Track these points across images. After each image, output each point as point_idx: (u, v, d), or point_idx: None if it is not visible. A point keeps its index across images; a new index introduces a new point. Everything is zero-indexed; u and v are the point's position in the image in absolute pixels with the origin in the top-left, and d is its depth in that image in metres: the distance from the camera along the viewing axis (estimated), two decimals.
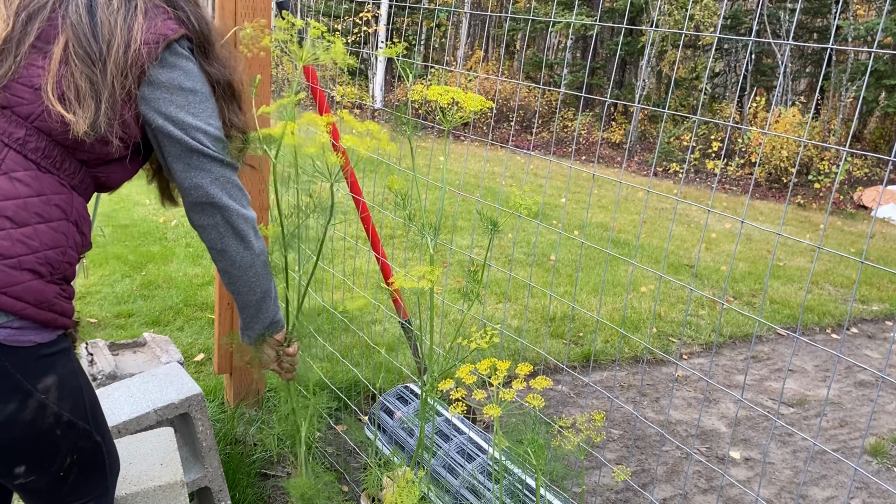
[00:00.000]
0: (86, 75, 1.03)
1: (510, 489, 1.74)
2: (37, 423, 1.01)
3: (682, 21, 12.15)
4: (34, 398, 1.00)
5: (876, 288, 5.50)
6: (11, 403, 0.98)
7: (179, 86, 1.11)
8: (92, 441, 1.11)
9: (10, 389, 0.98)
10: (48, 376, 1.02)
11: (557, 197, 8.03)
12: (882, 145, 13.91)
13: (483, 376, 1.13)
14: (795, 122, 11.01)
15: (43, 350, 1.02)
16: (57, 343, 1.05)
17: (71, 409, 1.06)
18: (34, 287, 0.99)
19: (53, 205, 1.03)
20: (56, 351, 1.05)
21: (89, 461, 1.12)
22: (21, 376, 0.99)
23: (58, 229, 1.04)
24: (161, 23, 1.09)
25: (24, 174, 1.01)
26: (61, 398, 1.04)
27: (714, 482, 2.56)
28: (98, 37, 1.04)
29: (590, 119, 14.88)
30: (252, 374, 2.51)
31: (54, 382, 1.03)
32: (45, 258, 1.01)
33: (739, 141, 11.85)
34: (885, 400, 3.48)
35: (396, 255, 4.16)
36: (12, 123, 1.01)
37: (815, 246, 0.95)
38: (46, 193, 1.03)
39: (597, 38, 16.70)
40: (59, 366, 1.05)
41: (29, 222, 1.00)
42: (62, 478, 1.08)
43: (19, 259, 0.98)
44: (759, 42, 13.31)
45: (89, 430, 1.10)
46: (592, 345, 3.60)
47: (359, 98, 13.71)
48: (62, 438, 1.06)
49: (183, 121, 1.11)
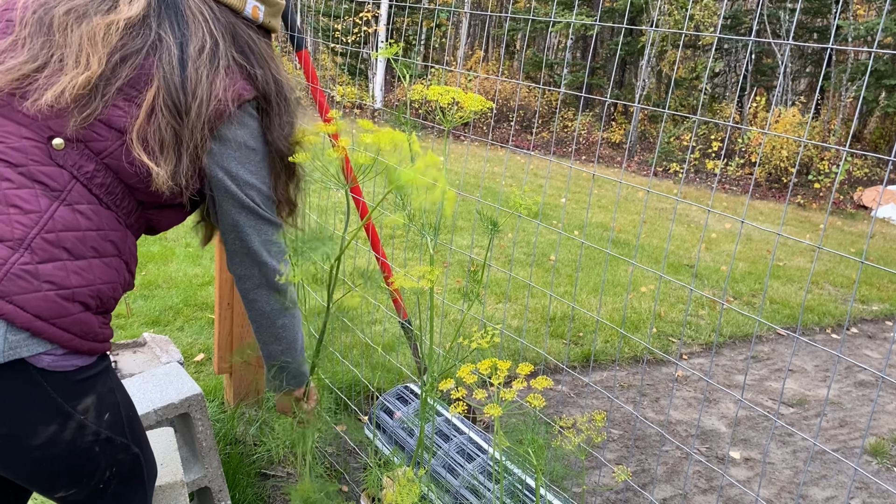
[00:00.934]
0: (172, 127, 1.04)
1: (510, 489, 1.74)
2: (76, 442, 1.01)
3: (682, 21, 12.15)
4: (74, 419, 1.00)
5: (876, 288, 5.50)
6: (52, 425, 0.98)
7: (244, 143, 1.14)
8: (130, 453, 1.11)
9: (51, 412, 0.98)
10: (87, 397, 1.02)
11: (557, 197, 8.03)
12: (882, 145, 13.91)
13: (483, 376, 1.13)
14: (795, 122, 11.01)
15: (83, 373, 1.02)
16: (96, 365, 1.05)
17: (109, 426, 1.06)
18: (82, 319, 1.00)
19: (109, 240, 1.05)
20: (95, 373, 1.05)
21: (128, 472, 1.12)
22: (61, 399, 0.99)
23: (110, 265, 1.05)
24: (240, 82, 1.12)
25: (87, 207, 1.02)
26: (100, 416, 1.04)
27: (714, 482, 2.56)
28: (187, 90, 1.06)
29: (590, 119, 14.88)
30: (252, 374, 2.51)
31: (93, 402, 1.03)
32: (98, 292, 1.02)
33: (739, 141, 11.85)
34: (885, 400, 3.48)
35: (396, 255, 4.16)
36: (84, 157, 1.02)
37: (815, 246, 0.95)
38: (105, 229, 1.04)
39: (597, 38, 16.70)
40: (99, 385, 1.05)
41: (85, 255, 1.01)
42: (101, 490, 1.09)
43: (73, 291, 0.98)
44: (759, 42, 13.31)
45: (127, 444, 1.10)
46: (592, 345, 3.60)
47: (359, 98, 13.71)
48: (101, 454, 1.06)
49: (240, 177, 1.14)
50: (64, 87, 1.00)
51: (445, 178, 1.04)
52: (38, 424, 0.97)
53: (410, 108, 1.32)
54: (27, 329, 0.93)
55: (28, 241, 0.95)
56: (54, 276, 0.97)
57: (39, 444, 0.98)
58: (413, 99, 1.22)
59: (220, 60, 1.10)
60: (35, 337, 0.95)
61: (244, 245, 1.19)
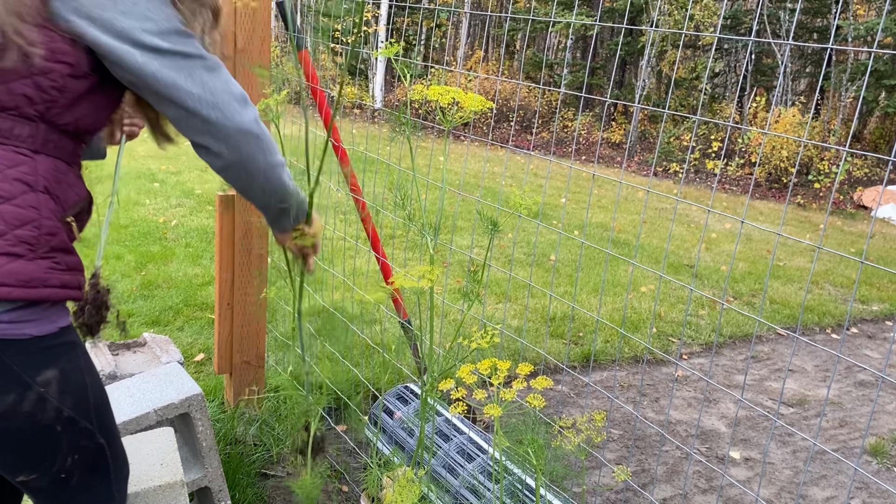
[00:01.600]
0: None
1: (510, 489, 1.74)
2: (36, 416, 0.99)
3: (682, 21, 12.15)
4: (33, 390, 0.98)
5: (876, 288, 5.50)
6: (10, 395, 0.97)
7: None
8: (95, 442, 1.09)
9: (9, 381, 0.97)
10: (49, 369, 0.99)
11: (557, 197, 8.03)
12: (882, 145, 13.92)
13: (483, 376, 1.13)
14: (795, 122, 11.01)
15: (43, 342, 0.99)
16: (59, 336, 1.01)
17: (73, 406, 1.03)
18: (13, 269, 0.93)
19: (13, 180, 0.95)
20: (58, 343, 1.01)
21: (91, 464, 1.10)
22: (19, 368, 0.97)
23: (22, 204, 0.95)
24: None
25: None
26: (63, 392, 1.01)
27: (714, 482, 2.56)
28: None
29: (590, 119, 14.88)
30: (252, 374, 2.51)
31: (55, 376, 1.00)
32: (17, 238, 0.94)
33: (739, 141, 11.85)
34: (884, 400, 3.48)
35: (396, 255, 4.15)
36: None
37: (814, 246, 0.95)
38: (1, 170, 0.95)
39: (597, 38, 16.71)
40: (64, 360, 1.02)
41: None
42: (63, 479, 1.07)
43: None
44: (759, 42, 13.31)
45: (92, 430, 1.08)
46: (592, 345, 3.60)
47: (359, 98, 13.71)
48: (62, 435, 1.04)
49: (115, 26, 0.94)
50: None
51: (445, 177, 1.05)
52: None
53: (410, 108, 1.32)
54: None
55: None
56: None
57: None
58: (413, 99, 1.22)
59: None
60: None
61: (179, 99, 0.98)
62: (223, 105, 1.00)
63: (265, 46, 2.16)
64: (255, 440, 2.39)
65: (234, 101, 1.01)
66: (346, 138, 4.01)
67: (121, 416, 1.74)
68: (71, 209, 1.04)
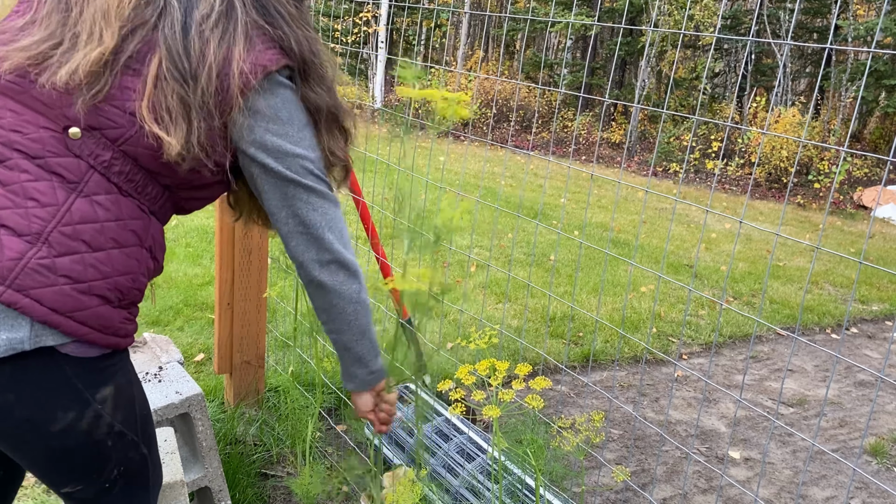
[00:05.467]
0: (177, 94, 1.00)
1: (510, 489, 1.74)
2: (92, 433, 1.02)
3: (681, 21, 12.16)
4: (91, 408, 1.01)
5: (876, 288, 5.50)
6: (71, 412, 0.99)
7: (276, 114, 1.06)
8: (139, 453, 1.11)
9: (71, 398, 0.99)
10: (106, 387, 1.02)
11: (557, 197, 8.04)
12: (882, 145, 13.92)
13: (482, 377, 1.13)
14: (795, 122, 11.01)
15: (104, 362, 1.02)
16: (117, 356, 1.05)
17: (123, 420, 1.06)
18: (101, 313, 0.99)
19: (130, 230, 1.02)
20: (115, 362, 1.05)
21: (135, 474, 1.12)
22: (82, 386, 0.99)
23: (131, 255, 1.03)
24: (261, 51, 1.04)
25: (105, 198, 1.00)
26: (116, 408, 1.04)
27: (714, 482, 2.56)
28: (191, 54, 1.00)
29: (589, 119, 14.88)
30: (252, 374, 2.51)
31: (111, 393, 1.03)
32: (115, 284, 1.01)
33: (739, 141, 11.86)
34: (884, 400, 3.48)
35: (396, 255, 4.16)
36: (100, 146, 1.00)
37: (814, 246, 0.95)
38: (124, 218, 1.02)
39: (597, 38, 16.71)
40: (118, 376, 1.05)
41: (104, 247, 0.99)
42: (107, 489, 1.09)
43: (90, 284, 0.98)
44: (759, 42, 13.31)
45: (137, 442, 1.10)
46: (592, 345, 3.60)
47: (359, 98, 13.71)
48: (113, 449, 1.06)
49: (278, 149, 1.06)
50: (78, 63, 0.98)
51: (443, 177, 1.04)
52: (57, 410, 0.98)
53: (410, 108, 1.32)
54: (44, 322, 0.94)
55: (45, 234, 0.95)
56: (71, 270, 0.96)
57: (57, 431, 0.98)
58: (410, 99, 1.22)
59: (234, 23, 1.03)
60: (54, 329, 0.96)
61: (298, 223, 1.08)
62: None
63: None
64: (255, 440, 2.40)
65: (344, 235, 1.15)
66: None
67: None
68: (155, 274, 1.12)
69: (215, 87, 1.01)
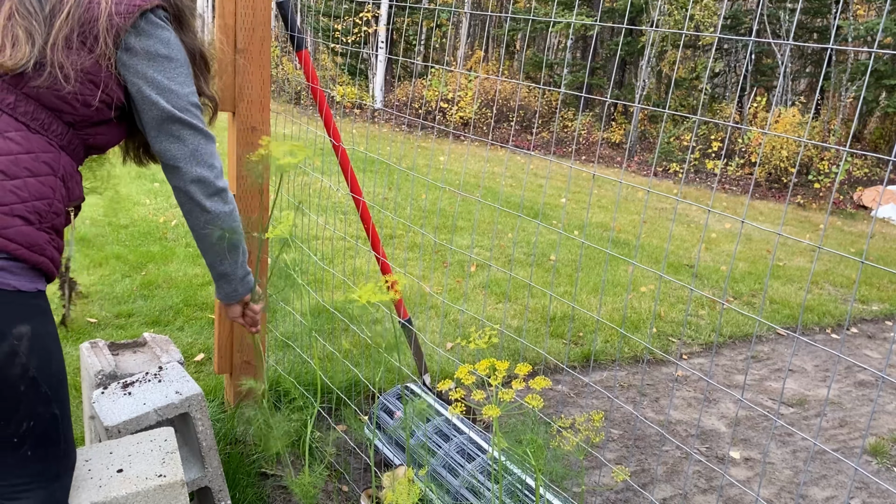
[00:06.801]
0: (23, 27, 1.13)
1: (510, 489, 1.74)
2: (4, 369, 1.06)
3: (682, 21, 12.15)
4: (7, 342, 1.05)
5: (876, 288, 5.50)
6: None
7: (157, 53, 1.21)
8: (50, 411, 1.14)
9: None
10: (23, 324, 1.08)
11: (557, 197, 8.03)
12: (882, 145, 13.92)
13: (482, 377, 1.13)
14: (795, 122, 11.01)
15: (22, 298, 1.09)
16: (35, 297, 1.12)
17: (38, 367, 1.10)
18: (25, 231, 1.10)
19: (42, 162, 1.15)
20: (33, 304, 1.11)
21: (44, 434, 1.14)
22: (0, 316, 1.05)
23: (45, 183, 1.15)
24: None
25: (16, 134, 1.13)
26: (31, 350, 1.09)
27: (714, 482, 2.56)
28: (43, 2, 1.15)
29: (590, 119, 14.88)
30: (252, 375, 2.51)
31: (27, 332, 1.08)
32: (34, 208, 1.12)
33: (739, 141, 11.86)
34: (884, 400, 3.48)
35: (396, 255, 4.16)
36: (3, 90, 1.14)
37: (814, 246, 0.95)
38: (35, 151, 1.14)
39: (597, 38, 16.70)
40: (35, 321, 1.11)
41: (19, 175, 1.11)
42: (15, 444, 1.11)
43: (11, 206, 1.09)
44: (759, 42, 13.31)
45: (50, 398, 1.13)
46: (592, 345, 3.60)
47: (359, 98, 13.71)
48: (24, 396, 1.09)
49: (160, 85, 1.21)
50: None
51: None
52: None
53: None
54: None
55: None
56: None
57: None
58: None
59: None
60: None
61: (180, 153, 1.25)
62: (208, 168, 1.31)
63: (265, 46, 2.16)
64: (255, 440, 2.39)
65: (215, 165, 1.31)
66: (346, 138, 4.00)
67: (121, 416, 1.74)
68: (72, 202, 1.24)
69: (71, 26, 1.15)
